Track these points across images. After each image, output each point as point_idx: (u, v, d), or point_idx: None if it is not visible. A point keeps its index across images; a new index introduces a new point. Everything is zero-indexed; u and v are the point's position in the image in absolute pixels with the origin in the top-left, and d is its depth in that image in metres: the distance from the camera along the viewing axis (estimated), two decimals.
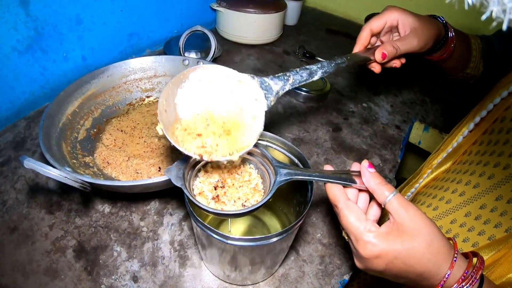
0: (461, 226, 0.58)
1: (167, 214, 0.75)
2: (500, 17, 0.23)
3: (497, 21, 0.24)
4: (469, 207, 0.58)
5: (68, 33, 0.97)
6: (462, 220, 0.58)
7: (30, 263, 0.65)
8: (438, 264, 0.42)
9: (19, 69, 0.90)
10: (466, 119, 0.69)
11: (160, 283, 0.64)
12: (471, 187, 0.59)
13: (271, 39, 1.38)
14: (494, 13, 0.23)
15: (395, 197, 0.44)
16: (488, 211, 0.55)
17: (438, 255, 0.42)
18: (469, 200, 0.59)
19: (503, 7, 0.23)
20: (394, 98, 1.19)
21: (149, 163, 0.77)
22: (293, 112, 1.07)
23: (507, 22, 0.23)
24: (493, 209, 0.54)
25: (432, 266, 0.42)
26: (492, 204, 0.55)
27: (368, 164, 0.48)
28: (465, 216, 0.58)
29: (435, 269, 0.42)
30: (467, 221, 0.57)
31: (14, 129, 0.91)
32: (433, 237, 0.42)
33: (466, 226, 0.57)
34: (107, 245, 0.69)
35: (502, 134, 0.59)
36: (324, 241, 0.73)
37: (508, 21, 0.23)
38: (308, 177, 0.49)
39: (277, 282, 0.66)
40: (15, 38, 0.85)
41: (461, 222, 0.58)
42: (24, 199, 0.75)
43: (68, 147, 0.74)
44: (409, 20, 0.70)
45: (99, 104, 0.87)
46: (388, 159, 0.94)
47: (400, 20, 0.70)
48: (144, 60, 0.92)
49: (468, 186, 0.60)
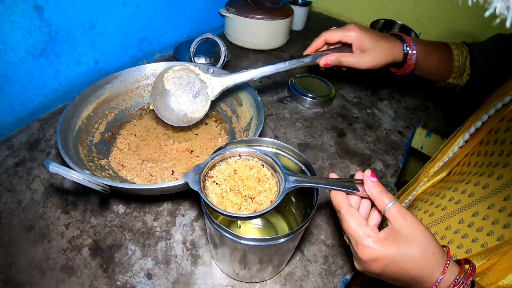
0: (455, 232, 0.60)
1: (179, 215, 0.76)
2: (503, 13, 0.23)
3: (501, 17, 0.23)
4: (463, 214, 0.60)
5: (81, 38, 0.98)
6: (456, 227, 0.60)
7: (47, 260, 0.66)
8: (431, 269, 0.44)
9: (33, 73, 0.91)
10: (462, 129, 0.70)
11: (173, 280, 0.65)
12: (467, 195, 0.61)
13: (278, 45, 1.39)
14: (498, 10, 0.23)
15: (394, 206, 0.47)
16: (481, 219, 0.56)
17: (431, 261, 0.44)
18: (464, 207, 0.60)
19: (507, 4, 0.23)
20: (397, 103, 1.19)
21: (162, 167, 0.79)
22: (299, 117, 1.07)
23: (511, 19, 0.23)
24: (485, 217, 0.56)
25: (426, 270, 0.44)
26: (485, 212, 0.56)
27: (371, 174, 0.51)
28: (459, 223, 0.60)
29: (428, 274, 0.44)
30: (461, 228, 0.59)
31: (27, 130, 0.93)
32: (427, 243, 0.45)
33: (460, 232, 0.59)
34: (122, 244, 0.70)
35: (497, 145, 0.60)
36: (328, 242, 0.75)
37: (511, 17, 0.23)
38: (315, 184, 0.52)
39: (283, 280, 0.67)
40: (29, 42, 0.87)
41: (455, 228, 0.60)
42: (40, 199, 0.77)
43: (84, 150, 0.76)
44: (363, 42, 0.78)
45: (112, 108, 0.89)
46: (390, 164, 0.95)
47: (355, 41, 0.79)
48: (156, 65, 0.93)
49: (464, 195, 0.61)
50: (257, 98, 0.83)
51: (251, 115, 0.85)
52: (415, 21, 0.73)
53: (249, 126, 0.84)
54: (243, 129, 0.86)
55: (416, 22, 0.73)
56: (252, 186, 0.54)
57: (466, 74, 0.86)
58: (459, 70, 0.85)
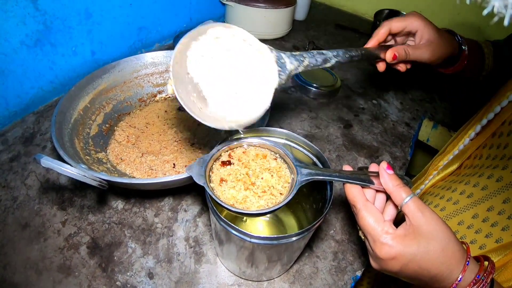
0: (468, 227, 0.58)
1: (182, 210, 0.75)
2: (501, 12, 0.23)
3: (499, 16, 0.24)
4: (476, 208, 0.58)
5: (77, 27, 0.96)
6: (469, 222, 0.59)
7: (43, 260, 0.65)
8: (451, 268, 0.43)
9: (27, 64, 0.89)
10: (473, 121, 0.69)
11: (175, 279, 0.64)
12: (479, 189, 0.59)
13: (281, 34, 1.37)
14: (496, 8, 0.24)
15: (412, 200, 0.45)
16: (496, 214, 0.55)
17: (451, 259, 0.43)
18: (477, 202, 0.59)
19: (504, 2, 0.23)
20: (403, 95, 1.18)
21: (163, 160, 0.77)
22: (304, 108, 1.06)
23: (509, 18, 0.23)
24: (500, 211, 0.55)
25: (445, 269, 0.43)
26: (500, 206, 0.55)
27: (387, 166, 0.48)
28: (473, 217, 0.58)
29: (447, 272, 0.43)
30: (475, 223, 0.58)
31: (23, 124, 0.91)
32: (447, 241, 0.43)
33: (474, 227, 0.57)
34: (121, 242, 0.68)
35: (510, 137, 0.59)
36: (337, 238, 0.73)
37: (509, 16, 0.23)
38: (329, 177, 0.49)
39: (291, 278, 0.66)
40: (23, 32, 0.84)
41: (468, 223, 0.59)
42: (35, 195, 0.75)
43: (80, 143, 0.74)
44: (428, 32, 0.71)
45: (110, 99, 0.87)
46: (398, 157, 0.94)
47: (420, 29, 0.71)
48: (155, 54, 0.91)
49: (476, 188, 0.60)
50: None
51: None
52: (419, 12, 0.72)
53: None
54: None
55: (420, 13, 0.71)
56: (262, 179, 0.52)
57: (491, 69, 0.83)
58: (489, 67, 0.82)
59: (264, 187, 0.51)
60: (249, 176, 0.52)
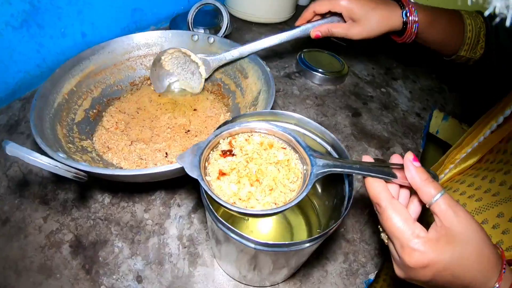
0: (494, 227, 0.54)
1: (175, 205, 0.70)
2: (503, 12, 0.24)
3: (500, 16, 0.24)
4: (502, 207, 0.55)
5: (67, 7, 0.91)
6: (494, 221, 0.55)
7: (23, 259, 0.60)
8: (487, 275, 0.40)
9: (13, 46, 0.84)
10: (494, 112, 0.65)
11: (167, 284, 0.59)
12: (507, 187, 0.56)
13: (283, 18, 1.33)
14: (497, 9, 0.24)
15: (443, 198, 0.40)
16: None
17: (487, 265, 0.40)
18: (503, 200, 0.55)
19: (506, 3, 0.23)
20: (412, 84, 1.15)
21: (154, 148, 0.72)
22: (309, 94, 1.02)
23: (510, 18, 0.24)
24: None
25: (481, 276, 0.40)
26: None
27: (413, 157, 0.42)
28: (498, 216, 0.55)
29: (482, 280, 0.40)
30: (501, 222, 0.54)
31: (8, 111, 0.86)
32: (482, 245, 0.40)
33: (500, 227, 0.53)
34: (107, 240, 0.63)
35: None
36: (348, 237, 0.69)
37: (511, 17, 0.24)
38: (349, 169, 0.43)
39: (298, 282, 0.61)
40: (8, 12, 0.80)
41: (494, 223, 0.55)
42: (17, 188, 0.70)
43: (63, 129, 0.68)
44: (354, 11, 0.75)
45: (99, 82, 0.81)
46: (410, 148, 0.90)
47: (344, 10, 0.76)
48: (149, 35, 0.85)
49: (503, 187, 0.57)
50: (266, 69, 0.76)
51: (259, 89, 0.78)
52: None
53: (257, 101, 0.77)
54: (250, 104, 0.79)
55: None
56: (268, 172, 0.45)
57: (480, 47, 0.80)
58: (472, 42, 0.79)
59: (271, 181, 0.44)
60: (253, 169, 0.45)
